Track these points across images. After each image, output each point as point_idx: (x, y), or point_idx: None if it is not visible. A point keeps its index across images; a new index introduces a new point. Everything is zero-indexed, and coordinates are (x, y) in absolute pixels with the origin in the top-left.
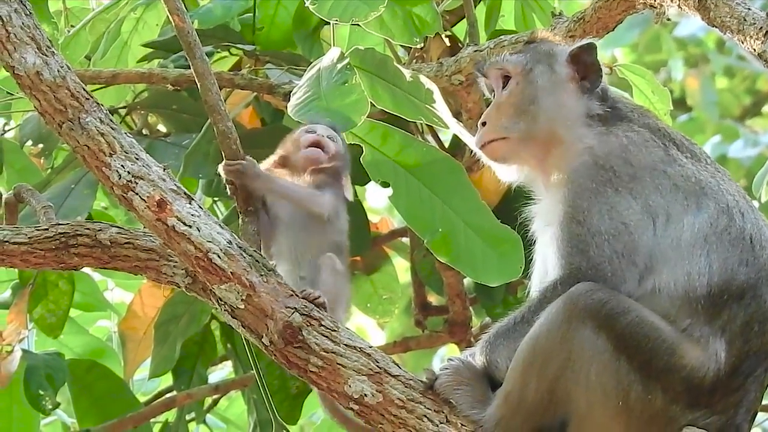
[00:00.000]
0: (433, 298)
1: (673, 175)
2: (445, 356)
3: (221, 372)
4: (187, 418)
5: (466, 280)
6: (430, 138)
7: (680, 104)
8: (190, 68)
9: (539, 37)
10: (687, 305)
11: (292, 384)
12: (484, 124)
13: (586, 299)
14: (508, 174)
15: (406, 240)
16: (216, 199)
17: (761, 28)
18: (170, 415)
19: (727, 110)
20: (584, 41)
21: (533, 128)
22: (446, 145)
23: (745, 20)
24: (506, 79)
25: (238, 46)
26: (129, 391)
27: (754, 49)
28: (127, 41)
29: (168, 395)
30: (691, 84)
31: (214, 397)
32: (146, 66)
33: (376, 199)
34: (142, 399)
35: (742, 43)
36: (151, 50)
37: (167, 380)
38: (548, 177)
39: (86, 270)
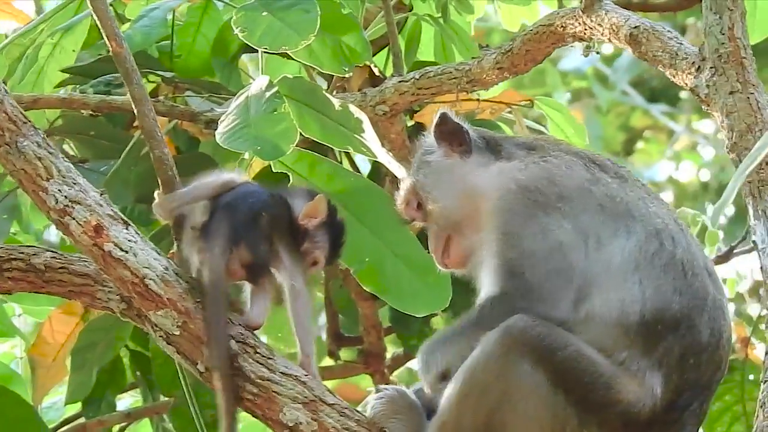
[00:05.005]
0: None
1: (599, 195)
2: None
3: (128, 399)
4: None
5: (381, 311)
6: (346, 165)
7: None
8: (110, 94)
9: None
10: (622, 335)
11: (207, 412)
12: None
13: (524, 333)
14: None
15: None
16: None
17: (693, 62)
18: None
19: (609, 145)
20: (437, 114)
21: (452, 218)
22: (365, 175)
23: (677, 55)
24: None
25: (157, 72)
26: (39, 418)
27: (686, 84)
28: (43, 66)
29: (77, 422)
30: (575, 118)
31: (122, 424)
32: (63, 91)
33: None
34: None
35: (674, 77)
36: (68, 76)
37: (72, 407)
38: (479, 217)
39: None
